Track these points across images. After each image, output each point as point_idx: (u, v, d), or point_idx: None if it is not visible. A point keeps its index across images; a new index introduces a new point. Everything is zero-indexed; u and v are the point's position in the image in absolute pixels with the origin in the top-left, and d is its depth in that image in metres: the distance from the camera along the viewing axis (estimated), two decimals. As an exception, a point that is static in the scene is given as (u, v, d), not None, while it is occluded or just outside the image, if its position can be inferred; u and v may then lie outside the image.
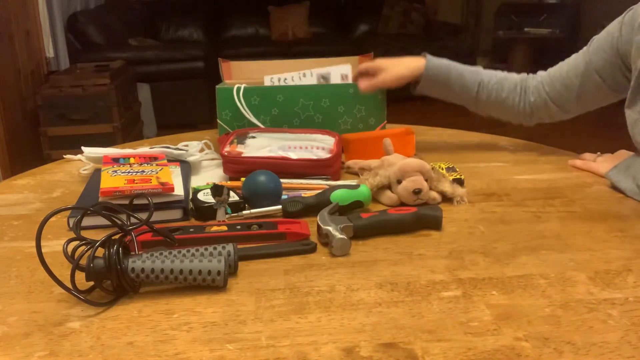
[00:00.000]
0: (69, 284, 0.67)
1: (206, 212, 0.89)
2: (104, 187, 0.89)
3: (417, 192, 0.91)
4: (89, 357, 0.58)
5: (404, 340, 0.60)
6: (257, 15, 5.68)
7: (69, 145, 2.91)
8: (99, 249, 0.67)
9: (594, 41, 1.10)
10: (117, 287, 0.68)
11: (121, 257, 0.67)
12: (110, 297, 0.68)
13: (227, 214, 0.90)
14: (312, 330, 0.62)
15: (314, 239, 0.82)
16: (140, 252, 0.70)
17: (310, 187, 0.99)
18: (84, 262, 0.67)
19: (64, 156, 1.22)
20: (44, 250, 0.67)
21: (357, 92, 1.21)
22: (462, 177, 1.03)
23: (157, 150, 1.11)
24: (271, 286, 0.71)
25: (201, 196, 0.91)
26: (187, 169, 1.08)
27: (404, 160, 0.95)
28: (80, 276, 0.67)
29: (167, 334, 0.61)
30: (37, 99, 3.23)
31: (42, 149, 3.29)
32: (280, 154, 1.06)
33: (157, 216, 0.88)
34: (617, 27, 1.06)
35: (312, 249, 0.80)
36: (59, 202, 1.00)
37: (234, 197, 0.92)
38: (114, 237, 0.70)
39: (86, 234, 0.72)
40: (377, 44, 5.16)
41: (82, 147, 1.13)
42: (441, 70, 1.20)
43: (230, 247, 0.73)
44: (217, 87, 1.21)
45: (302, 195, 0.93)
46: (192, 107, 4.37)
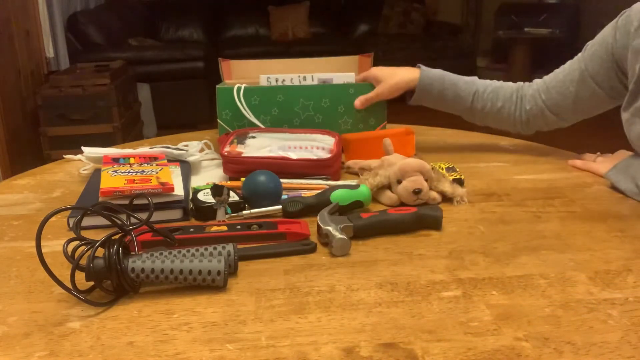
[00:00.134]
0: (69, 284, 0.67)
1: (206, 212, 0.89)
2: (104, 187, 0.89)
3: (417, 192, 0.91)
4: (89, 357, 0.58)
5: (404, 340, 0.60)
6: (257, 15, 5.68)
7: (69, 145, 2.91)
8: (99, 249, 0.67)
9: (588, 47, 1.10)
10: (117, 287, 0.68)
11: (121, 257, 0.67)
12: (110, 297, 0.68)
13: (227, 214, 0.90)
14: (312, 330, 0.62)
15: (314, 239, 0.82)
16: (140, 252, 0.70)
17: (310, 187, 0.99)
18: (84, 262, 0.67)
19: (64, 156, 1.22)
20: (44, 250, 0.67)
21: (357, 93, 1.21)
22: (462, 177, 1.03)
23: (157, 150, 1.11)
24: (271, 286, 0.71)
25: (201, 196, 0.91)
26: (187, 169, 1.08)
27: (404, 160, 0.95)
28: (80, 276, 0.67)
29: (167, 334, 0.61)
30: (37, 99, 3.23)
31: (42, 149, 3.29)
32: (280, 154, 1.06)
33: (157, 216, 0.88)
34: (611, 32, 1.05)
35: (312, 249, 0.80)
36: (59, 202, 1.00)
37: (234, 197, 0.92)
38: (114, 237, 0.70)
39: (86, 234, 0.72)
40: (377, 44, 5.16)
41: (82, 147, 1.13)
42: (435, 81, 1.20)
43: (230, 247, 0.73)
44: (217, 87, 1.21)
45: (302, 195, 0.93)
46: (192, 107, 4.37)
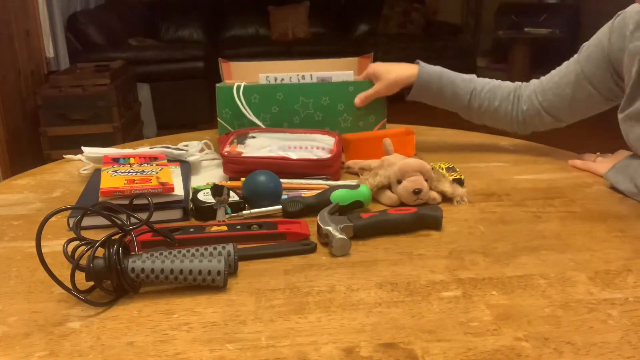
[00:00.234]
0: (69, 284, 0.67)
1: (206, 212, 0.89)
2: (104, 187, 0.89)
3: (417, 192, 0.91)
4: (89, 357, 0.58)
5: (404, 340, 0.60)
6: (257, 15, 5.68)
7: (69, 145, 2.91)
8: (99, 249, 0.67)
9: (584, 48, 1.09)
10: (117, 287, 0.68)
11: (121, 257, 0.67)
12: (110, 297, 0.68)
13: (227, 214, 0.90)
14: (312, 330, 0.62)
15: (314, 239, 0.82)
16: (140, 252, 0.70)
17: (310, 187, 0.99)
18: (84, 262, 0.67)
19: (64, 156, 1.22)
20: (44, 250, 0.67)
21: (357, 90, 1.21)
22: (462, 177, 1.03)
23: (157, 150, 1.11)
24: (271, 286, 0.71)
25: (201, 196, 0.91)
26: (187, 169, 1.08)
27: (404, 160, 0.95)
28: (80, 276, 0.67)
29: (167, 334, 0.61)
30: (37, 99, 3.23)
31: (42, 149, 3.29)
32: (280, 154, 1.06)
33: (157, 216, 0.88)
34: (606, 34, 1.04)
35: (312, 249, 0.80)
36: (59, 202, 1.00)
37: (234, 197, 0.92)
38: (114, 237, 0.70)
39: (86, 234, 0.72)
40: (377, 44, 5.16)
41: (82, 147, 1.13)
42: (433, 78, 1.20)
43: (230, 247, 0.73)
44: (217, 85, 1.21)
45: (302, 195, 0.93)
46: (192, 107, 4.37)
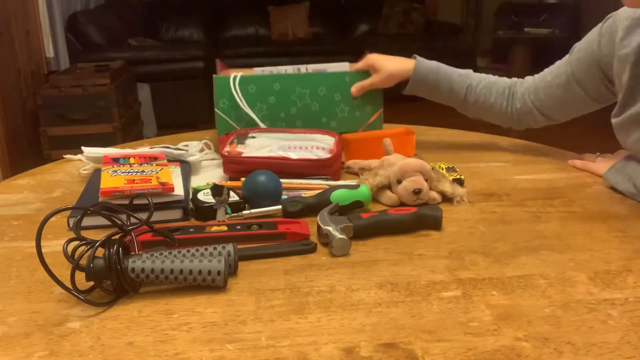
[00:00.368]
0: (69, 284, 0.67)
1: (206, 212, 0.89)
2: (104, 187, 0.89)
3: (417, 192, 0.91)
4: (89, 357, 0.58)
5: (404, 340, 0.60)
6: (257, 15, 5.68)
7: (69, 145, 2.91)
8: (99, 249, 0.67)
9: (575, 50, 1.10)
10: (117, 287, 0.68)
11: (121, 257, 0.67)
12: (110, 297, 0.68)
13: (227, 214, 0.90)
14: (312, 330, 0.62)
15: (314, 239, 0.82)
16: (140, 252, 0.70)
17: (310, 187, 0.99)
18: (84, 262, 0.67)
19: (64, 156, 1.22)
20: (44, 250, 0.67)
21: (353, 80, 1.22)
22: (462, 177, 1.03)
23: (157, 150, 1.11)
24: (271, 286, 0.71)
25: (201, 196, 0.91)
26: (187, 169, 1.08)
27: (404, 160, 0.95)
28: (80, 276, 0.67)
29: (167, 334, 0.61)
30: (37, 99, 3.23)
31: (42, 149, 3.28)
32: (280, 154, 1.06)
33: (157, 216, 0.88)
34: (595, 38, 1.04)
35: (312, 249, 0.80)
36: (59, 202, 1.00)
37: (234, 197, 0.92)
38: (114, 237, 0.70)
39: (86, 234, 0.72)
40: (377, 44, 5.15)
41: (82, 147, 1.13)
42: (429, 72, 1.21)
43: (230, 247, 0.73)
44: (215, 76, 1.21)
45: (302, 195, 0.93)
46: (192, 107, 4.37)
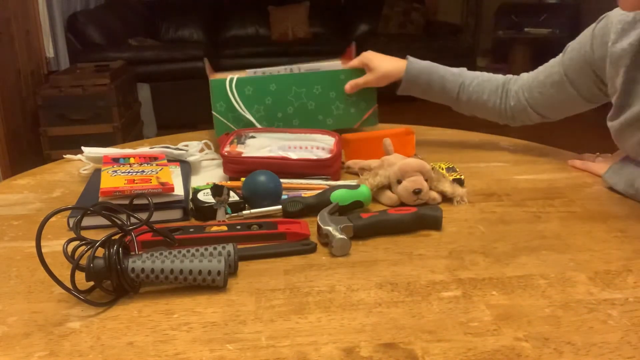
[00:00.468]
0: (69, 284, 0.67)
1: (206, 212, 0.89)
2: (104, 187, 0.89)
3: (417, 192, 0.91)
4: (89, 357, 0.58)
5: (404, 340, 0.60)
6: (257, 15, 5.67)
7: (69, 145, 2.91)
8: (99, 249, 0.67)
9: (568, 49, 1.09)
10: (117, 287, 0.68)
11: (121, 257, 0.67)
12: (110, 297, 0.68)
13: (227, 214, 0.90)
14: (312, 330, 0.62)
15: (314, 239, 0.82)
16: (140, 252, 0.70)
17: (310, 187, 0.99)
18: (84, 262, 0.67)
19: (64, 156, 1.22)
20: (44, 250, 0.67)
21: (347, 78, 1.23)
22: (462, 177, 1.03)
23: (157, 150, 1.11)
24: (271, 286, 0.71)
25: (201, 196, 0.91)
26: (187, 169, 1.08)
27: (404, 160, 0.95)
28: (80, 276, 0.67)
29: (167, 334, 0.61)
30: (37, 99, 3.23)
31: (42, 149, 3.28)
32: (280, 154, 1.06)
33: (157, 216, 0.88)
34: (588, 40, 1.04)
35: (312, 249, 0.80)
36: (59, 202, 1.00)
37: (234, 197, 0.92)
38: (114, 237, 0.70)
39: (86, 234, 0.72)
40: (377, 44, 5.13)
41: (82, 147, 1.13)
42: (422, 73, 1.22)
43: (230, 247, 0.73)
44: (210, 79, 1.21)
45: (302, 195, 0.93)
46: (192, 107, 4.35)
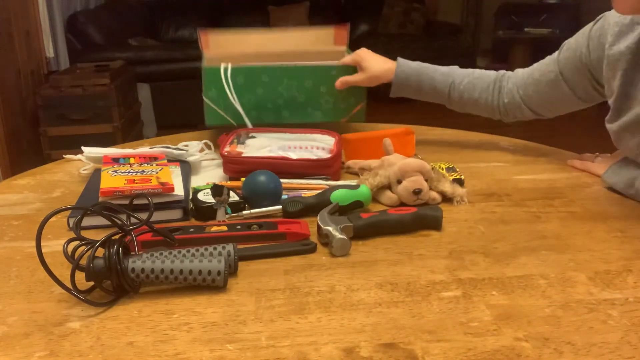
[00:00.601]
0: (69, 284, 0.67)
1: (206, 212, 0.89)
2: (104, 187, 0.89)
3: (417, 192, 0.91)
4: (89, 357, 0.58)
5: (404, 340, 0.60)
6: (257, 15, 5.67)
7: (69, 145, 2.91)
8: (99, 249, 0.67)
9: (564, 48, 1.09)
10: (117, 287, 0.68)
11: (121, 257, 0.67)
12: (110, 297, 0.68)
13: (227, 214, 0.90)
14: (312, 330, 0.62)
15: (314, 239, 0.82)
16: (140, 252, 0.70)
17: (310, 187, 0.99)
18: (84, 262, 0.67)
19: (64, 156, 1.22)
20: (44, 250, 0.67)
21: (339, 74, 1.25)
22: (462, 177, 1.03)
23: (157, 150, 1.11)
24: (271, 286, 0.71)
25: (201, 196, 0.91)
26: (187, 169, 1.08)
27: (404, 160, 0.95)
28: (80, 276, 0.67)
29: (167, 334, 0.61)
30: (37, 99, 3.23)
31: (42, 149, 3.28)
32: (280, 154, 1.06)
33: (157, 216, 0.88)
34: (585, 40, 1.04)
35: (312, 249, 0.80)
36: (59, 202, 1.00)
37: (234, 197, 0.92)
38: (114, 237, 0.70)
39: (86, 234, 0.72)
40: (377, 44, 5.14)
41: (82, 147, 1.13)
42: (411, 75, 1.22)
43: (230, 247, 0.73)
44: (204, 66, 1.21)
45: (302, 195, 0.93)
46: (192, 107, 4.32)
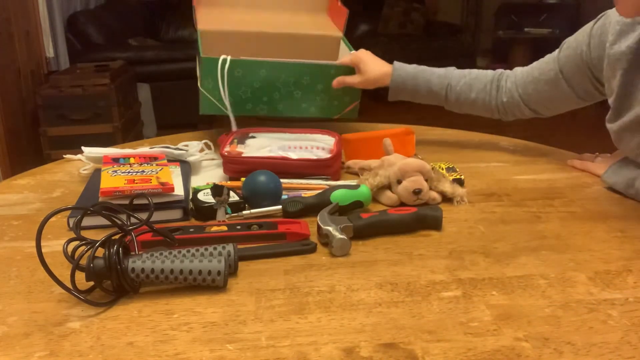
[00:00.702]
0: (69, 284, 0.67)
1: (206, 212, 0.89)
2: (104, 187, 0.89)
3: (417, 192, 0.91)
4: (89, 357, 0.58)
5: (404, 340, 0.60)
6: (257, 15, 5.67)
7: (69, 145, 2.91)
8: (99, 249, 0.67)
9: (564, 46, 1.09)
10: (117, 287, 0.68)
11: (121, 257, 0.67)
12: (110, 297, 0.68)
13: (227, 214, 0.90)
14: (312, 330, 0.62)
15: (314, 239, 0.82)
16: (140, 252, 0.70)
17: (310, 187, 0.99)
18: (84, 262, 0.68)
19: (64, 156, 1.22)
20: (44, 250, 0.67)
21: (337, 73, 1.25)
22: (462, 177, 1.03)
23: (157, 150, 1.11)
24: (271, 286, 0.71)
25: (201, 196, 0.91)
26: (187, 169, 1.08)
27: (404, 160, 0.95)
28: (80, 276, 0.67)
29: (167, 334, 0.61)
30: (37, 99, 3.23)
31: (42, 149, 3.28)
32: (280, 154, 1.06)
33: (157, 216, 0.88)
34: (585, 39, 1.04)
35: (312, 249, 0.80)
36: (59, 202, 1.00)
37: (234, 197, 0.92)
38: (114, 237, 0.70)
39: (86, 234, 0.72)
40: (377, 44, 5.14)
41: (82, 147, 1.13)
42: (407, 80, 1.22)
43: (230, 247, 0.73)
44: (203, 57, 1.21)
45: (302, 195, 0.93)
46: (192, 107, 4.32)
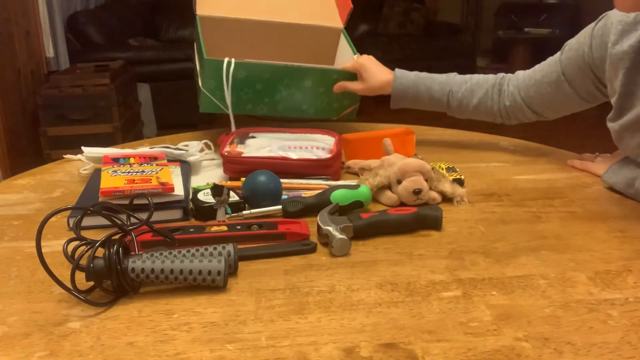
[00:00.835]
0: (69, 284, 0.67)
1: (206, 212, 0.89)
2: (104, 187, 0.89)
3: (417, 192, 0.91)
4: (89, 357, 0.58)
5: (404, 340, 0.60)
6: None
7: (69, 145, 2.91)
8: (99, 249, 0.67)
9: (566, 48, 1.09)
10: (117, 287, 0.68)
11: (121, 257, 0.67)
12: (110, 297, 0.68)
13: (227, 214, 0.90)
14: (312, 330, 0.62)
15: (314, 239, 0.82)
16: (140, 252, 0.70)
17: (310, 187, 0.99)
18: (84, 262, 0.68)
19: (64, 156, 1.22)
20: (44, 250, 0.67)
21: (339, 78, 1.26)
22: (462, 177, 1.03)
23: (157, 150, 1.11)
24: (271, 286, 0.71)
25: (201, 196, 0.91)
26: (187, 169, 1.08)
27: (404, 160, 0.95)
28: (80, 276, 0.67)
29: (167, 334, 0.61)
30: (37, 99, 3.23)
31: (42, 149, 3.28)
32: (280, 154, 1.06)
33: (157, 216, 0.88)
34: (587, 40, 1.04)
35: (312, 249, 0.80)
36: (59, 202, 1.00)
37: (234, 197, 0.92)
38: (114, 237, 0.70)
39: (86, 234, 0.72)
40: (377, 44, 5.15)
41: (82, 147, 1.13)
42: (408, 87, 1.23)
43: (230, 247, 0.73)
44: (207, 58, 1.21)
45: (302, 195, 0.93)
46: (192, 107, 4.33)
